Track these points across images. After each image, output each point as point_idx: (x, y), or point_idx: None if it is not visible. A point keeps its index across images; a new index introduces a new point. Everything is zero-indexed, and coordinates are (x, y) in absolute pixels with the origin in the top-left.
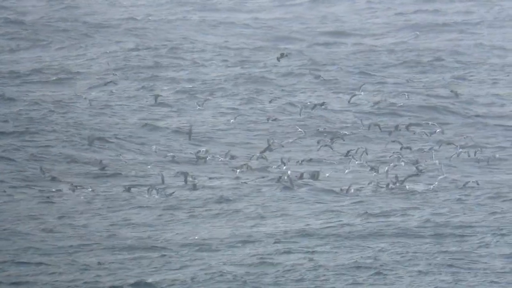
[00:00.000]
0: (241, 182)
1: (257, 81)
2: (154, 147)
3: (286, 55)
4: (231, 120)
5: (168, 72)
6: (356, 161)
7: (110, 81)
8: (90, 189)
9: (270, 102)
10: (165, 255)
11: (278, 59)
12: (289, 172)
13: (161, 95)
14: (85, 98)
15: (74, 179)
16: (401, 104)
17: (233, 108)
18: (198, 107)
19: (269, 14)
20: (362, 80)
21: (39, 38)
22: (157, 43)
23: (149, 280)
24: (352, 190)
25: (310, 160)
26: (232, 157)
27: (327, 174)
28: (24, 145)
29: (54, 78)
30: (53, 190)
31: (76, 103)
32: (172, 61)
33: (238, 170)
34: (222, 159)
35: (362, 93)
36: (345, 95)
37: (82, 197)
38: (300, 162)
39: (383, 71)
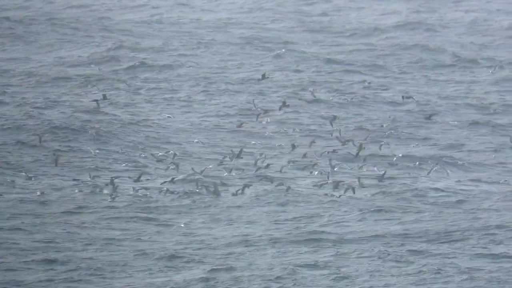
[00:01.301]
0: (206, 186)
1: (233, 82)
2: (116, 149)
3: (268, 77)
4: (195, 140)
5: (144, 73)
6: (316, 171)
7: (88, 82)
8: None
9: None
10: (130, 260)
11: (261, 77)
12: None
13: (108, 97)
14: (62, 99)
15: (45, 171)
16: (373, 103)
17: (209, 109)
18: (168, 116)
19: (244, 13)
20: (342, 78)
21: (15, 38)
22: (132, 43)
23: None
24: (289, 188)
25: (268, 166)
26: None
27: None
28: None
29: (33, 79)
30: (9, 180)
31: (56, 103)
32: (148, 61)
33: (202, 173)
34: (178, 160)
35: (313, 88)
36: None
37: (38, 192)
38: (256, 168)
39: (357, 70)
